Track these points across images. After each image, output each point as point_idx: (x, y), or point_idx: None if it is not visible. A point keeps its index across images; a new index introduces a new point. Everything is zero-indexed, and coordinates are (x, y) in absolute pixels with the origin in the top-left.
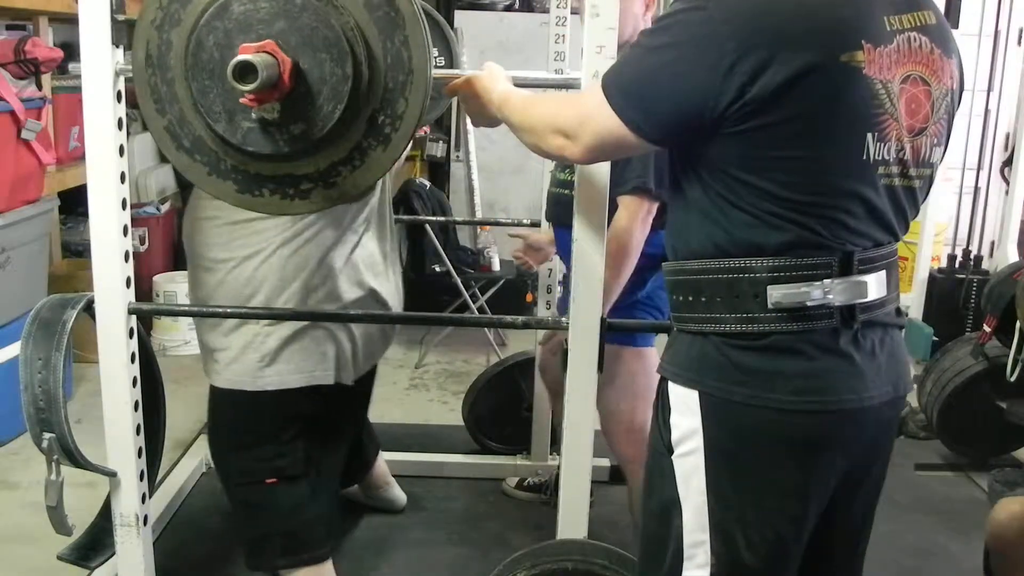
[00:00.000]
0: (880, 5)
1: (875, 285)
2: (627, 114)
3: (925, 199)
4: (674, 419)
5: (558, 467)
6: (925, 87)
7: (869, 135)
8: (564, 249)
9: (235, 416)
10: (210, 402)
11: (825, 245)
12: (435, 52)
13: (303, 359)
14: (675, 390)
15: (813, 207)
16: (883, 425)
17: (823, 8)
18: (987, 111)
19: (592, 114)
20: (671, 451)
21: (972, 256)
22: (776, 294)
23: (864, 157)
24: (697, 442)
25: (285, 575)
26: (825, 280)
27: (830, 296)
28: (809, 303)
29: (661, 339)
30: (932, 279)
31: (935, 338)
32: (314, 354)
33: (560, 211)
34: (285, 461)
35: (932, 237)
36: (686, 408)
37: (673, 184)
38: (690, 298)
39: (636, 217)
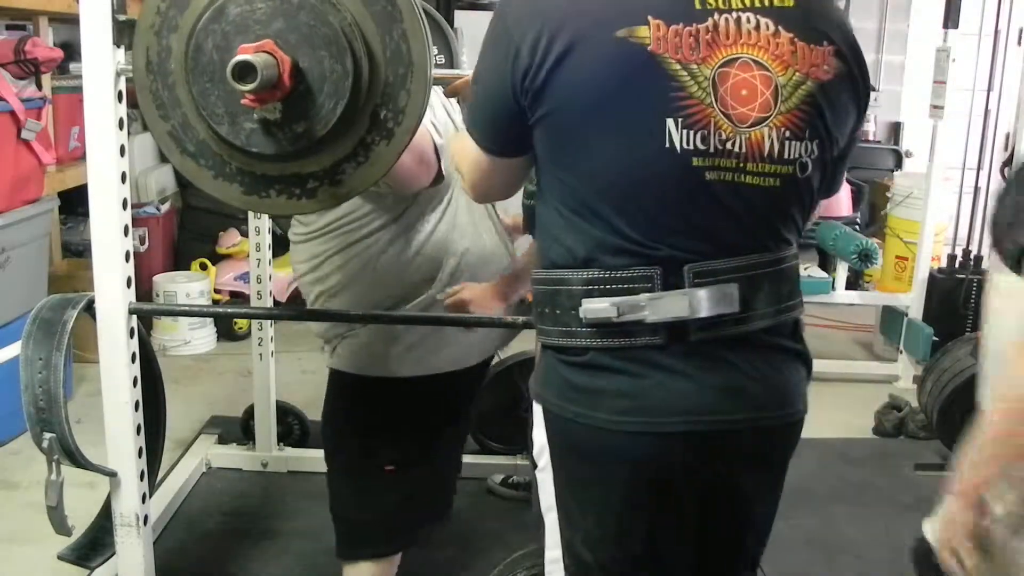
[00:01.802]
0: None
1: (718, 300)
2: (479, 137)
3: (807, 202)
4: (534, 433)
5: None
6: (762, 72)
7: (670, 120)
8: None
9: (360, 400)
10: (332, 386)
11: (643, 254)
12: (435, 51)
13: (434, 345)
14: (534, 404)
15: (627, 205)
16: (747, 455)
17: None
18: (987, 111)
19: (465, 149)
20: (535, 465)
21: (972, 256)
22: (586, 308)
23: (667, 145)
24: (547, 458)
25: (350, 567)
26: (642, 295)
27: (645, 312)
28: (616, 319)
29: None
30: (932, 279)
31: (935, 338)
32: (444, 340)
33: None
34: (405, 450)
35: (932, 237)
36: (538, 423)
37: None
38: (536, 309)
39: None
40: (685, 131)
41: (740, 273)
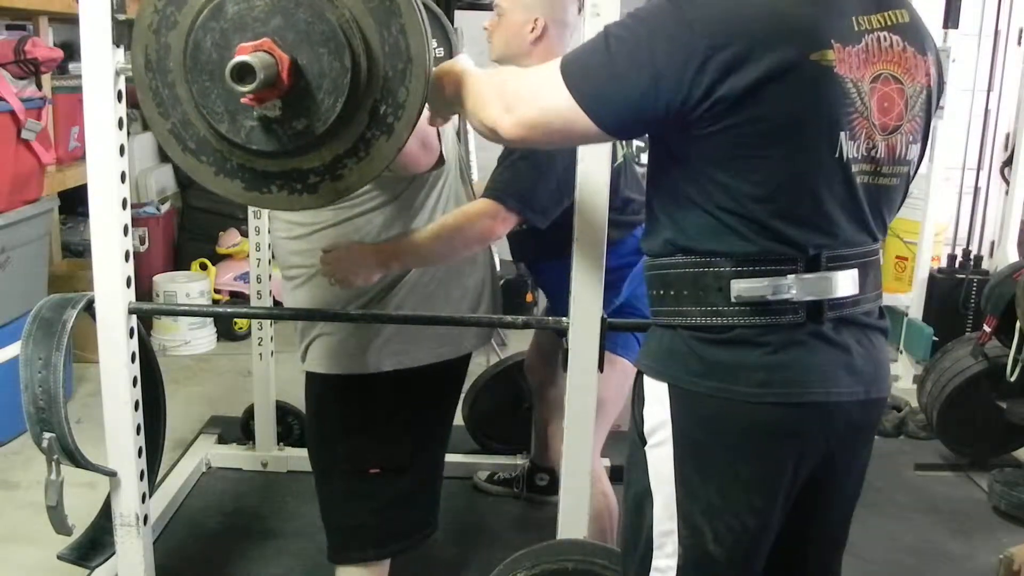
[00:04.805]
0: (849, 5)
1: (845, 283)
2: (587, 100)
3: (903, 198)
4: (646, 411)
5: (528, 462)
6: (898, 85)
7: (842, 134)
8: (545, 283)
9: (343, 402)
10: (311, 389)
11: (793, 242)
12: (434, 44)
13: (413, 335)
14: (648, 383)
15: (788, 208)
16: (854, 427)
17: (793, 8)
18: (987, 111)
19: (543, 91)
20: (644, 442)
21: (972, 256)
22: (738, 288)
23: (837, 155)
24: (666, 433)
25: (343, 571)
26: (789, 276)
27: (793, 291)
28: (771, 297)
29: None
30: (932, 279)
31: (935, 338)
32: (424, 330)
33: (521, 247)
34: (391, 451)
35: (932, 237)
36: (657, 400)
37: (650, 186)
38: (661, 292)
39: (487, 213)
40: (851, 142)
41: (858, 260)
